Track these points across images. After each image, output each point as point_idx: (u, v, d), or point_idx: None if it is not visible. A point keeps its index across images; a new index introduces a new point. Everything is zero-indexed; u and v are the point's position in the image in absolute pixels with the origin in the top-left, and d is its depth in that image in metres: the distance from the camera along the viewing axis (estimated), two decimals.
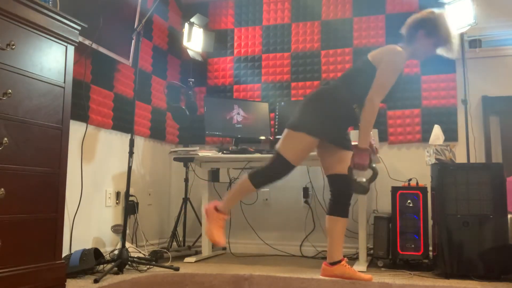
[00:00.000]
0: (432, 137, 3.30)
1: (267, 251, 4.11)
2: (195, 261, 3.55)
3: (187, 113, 3.82)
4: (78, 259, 2.80)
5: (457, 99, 3.86)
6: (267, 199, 4.21)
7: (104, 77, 3.46)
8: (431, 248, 3.30)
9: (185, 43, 4.14)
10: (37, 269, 2.21)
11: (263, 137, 4.09)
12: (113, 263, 2.89)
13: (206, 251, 3.78)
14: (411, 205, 3.23)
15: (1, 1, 2.03)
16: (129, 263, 2.98)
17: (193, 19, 4.13)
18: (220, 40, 4.48)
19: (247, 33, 4.44)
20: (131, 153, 3.07)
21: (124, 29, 3.51)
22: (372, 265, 3.37)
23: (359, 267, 3.16)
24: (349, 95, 2.67)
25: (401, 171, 3.90)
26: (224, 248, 4.19)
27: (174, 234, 3.94)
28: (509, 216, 2.92)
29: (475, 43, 3.86)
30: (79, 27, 2.50)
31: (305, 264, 3.54)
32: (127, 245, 3.11)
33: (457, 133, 3.84)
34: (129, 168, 3.05)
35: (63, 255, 2.68)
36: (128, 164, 3.06)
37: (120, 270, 2.91)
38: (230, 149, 3.75)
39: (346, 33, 4.17)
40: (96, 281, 2.62)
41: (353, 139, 2.82)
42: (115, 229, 3.54)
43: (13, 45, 2.09)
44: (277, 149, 2.66)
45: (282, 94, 4.26)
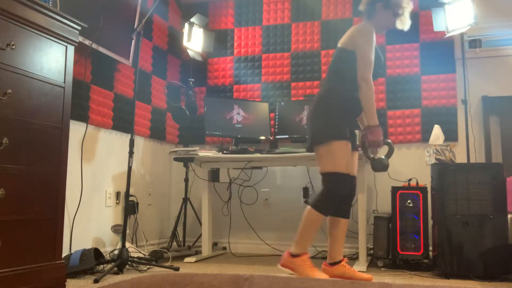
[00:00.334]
0: (432, 137, 3.30)
1: (267, 251, 4.11)
2: (195, 261, 3.55)
3: (187, 113, 3.82)
4: (78, 259, 2.80)
5: (457, 99, 3.86)
6: (267, 199, 4.21)
7: (104, 77, 3.46)
8: (431, 248, 3.30)
9: (185, 43, 4.14)
10: (37, 269, 2.21)
11: (263, 137, 4.09)
12: (113, 263, 2.89)
13: (206, 251, 3.78)
14: (411, 205, 3.23)
15: (1, 1, 2.03)
16: (129, 263, 2.98)
17: (193, 19, 4.13)
18: (220, 40, 4.48)
19: (247, 33, 4.44)
20: (131, 153, 3.07)
21: (124, 29, 3.51)
22: (372, 265, 3.37)
23: (359, 267, 3.16)
24: (346, 86, 2.71)
25: (401, 171, 3.90)
26: (224, 248, 4.19)
27: (174, 234, 3.94)
28: (509, 216, 2.92)
29: (475, 43, 3.86)
30: (79, 27, 2.50)
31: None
32: (127, 245, 3.12)
33: (457, 133, 3.84)
34: (129, 168, 3.05)
35: (63, 255, 2.68)
36: (128, 164, 3.06)
37: (120, 270, 2.91)
38: (230, 149, 3.75)
39: None
40: (96, 281, 2.62)
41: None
42: (115, 229, 3.54)
43: (13, 45, 2.09)
44: (323, 172, 2.66)
45: (282, 94, 4.26)
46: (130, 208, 3.65)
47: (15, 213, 2.11)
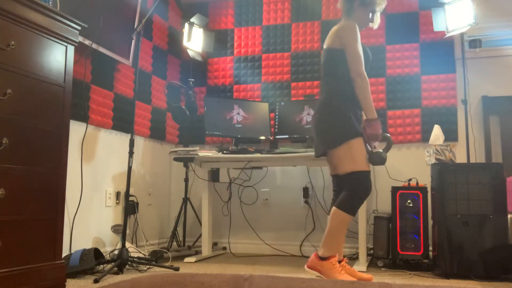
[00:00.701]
0: (432, 137, 3.30)
1: (267, 251, 4.11)
2: (195, 261, 3.55)
3: (187, 113, 3.82)
4: (78, 259, 2.80)
5: (457, 99, 3.86)
6: (267, 199, 4.21)
7: (104, 77, 3.46)
8: (431, 248, 3.30)
9: (185, 43, 4.14)
10: (37, 269, 2.21)
11: (263, 137, 4.09)
12: (113, 263, 2.89)
13: (206, 251, 3.78)
14: (411, 205, 3.23)
15: (1, 1, 2.03)
16: (129, 263, 2.98)
17: (193, 19, 4.13)
18: (220, 40, 4.48)
19: (247, 33, 4.44)
20: (131, 153, 3.07)
21: (124, 29, 3.51)
22: (372, 265, 3.37)
23: (359, 267, 3.16)
24: (345, 85, 2.72)
25: (401, 171, 3.90)
26: (224, 248, 4.19)
27: (174, 234, 3.94)
28: (509, 216, 2.92)
29: (475, 43, 3.86)
30: (79, 27, 2.50)
31: (305, 264, 3.53)
32: (127, 245, 3.11)
33: (457, 133, 3.84)
34: (129, 168, 3.05)
35: (63, 255, 2.68)
36: (128, 164, 3.06)
37: (120, 270, 2.91)
38: (230, 149, 3.75)
39: None
40: (96, 281, 2.62)
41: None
42: (115, 229, 3.54)
43: (13, 45, 2.09)
44: (343, 173, 2.66)
45: (282, 94, 4.26)
46: (130, 208, 3.65)
47: (15, 213, 2.11)
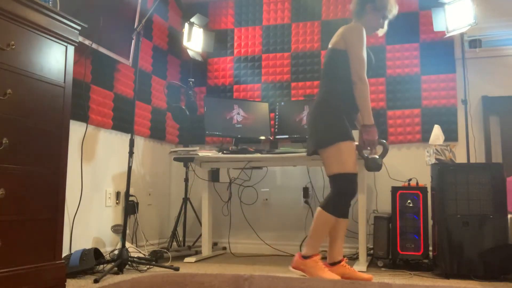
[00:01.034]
0: (432, 137, 3.30)
1: (267, 251, 4.11)
2: (195, 261, 3.55)
3: (187, 113, 3.82)
4: (78, 259, 2.80)
5: (457, 99, 3.86)
6: (267, 199, 4.21)
7: (104, 77, 3.46)
8: (431, 248, 3.30)
9: (185, 43, 4.14)
10: (37, 269, 2.21)
11: (263, 137, 4.09)
12: (113, 263, 2.89)
13: (206, 251, 3.78)
14: (411, 205, 3.23)
15: (1, 1, 2.03)
16: (129, 263, 2.98)
17: (193, 19, 4.13)
18: (220, 40, 4.48)
19: (247, 33, 4.44)
20: (131, 153, 3.07)
21: (124, 29, 3.51)
22: (372, 265, 3.37)
23: (359, 267, 3.16)
24: (343, 86, 2.72)
25: (401, 171, 3.90)
26: (224, 248, 4.19)
27: (174, 234, 3.94)
28: (509, 216, 2.92)
29: (475, 43, 3.86)
30: (79, 27, 2.50)
31: None
32: (127, 245, 3.11)
33: (457, 133, 3.84)
34: (129, 168, 3.05)
35: (63, 255, 2.68)
36: (128, 164, 3.06)
37: (120, 270, 2.91)
38: (230, 149, 3.75)
39: None
40: (96, 281, 2.62)
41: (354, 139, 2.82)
42: (115, 229, 3.54)
43: (13, 45, 2.09)
44: (331, 174, 2.67)
45: (282, 94, 4.26)
46: (130, 208, 3.65)
47: (15, 213, 2.11)
